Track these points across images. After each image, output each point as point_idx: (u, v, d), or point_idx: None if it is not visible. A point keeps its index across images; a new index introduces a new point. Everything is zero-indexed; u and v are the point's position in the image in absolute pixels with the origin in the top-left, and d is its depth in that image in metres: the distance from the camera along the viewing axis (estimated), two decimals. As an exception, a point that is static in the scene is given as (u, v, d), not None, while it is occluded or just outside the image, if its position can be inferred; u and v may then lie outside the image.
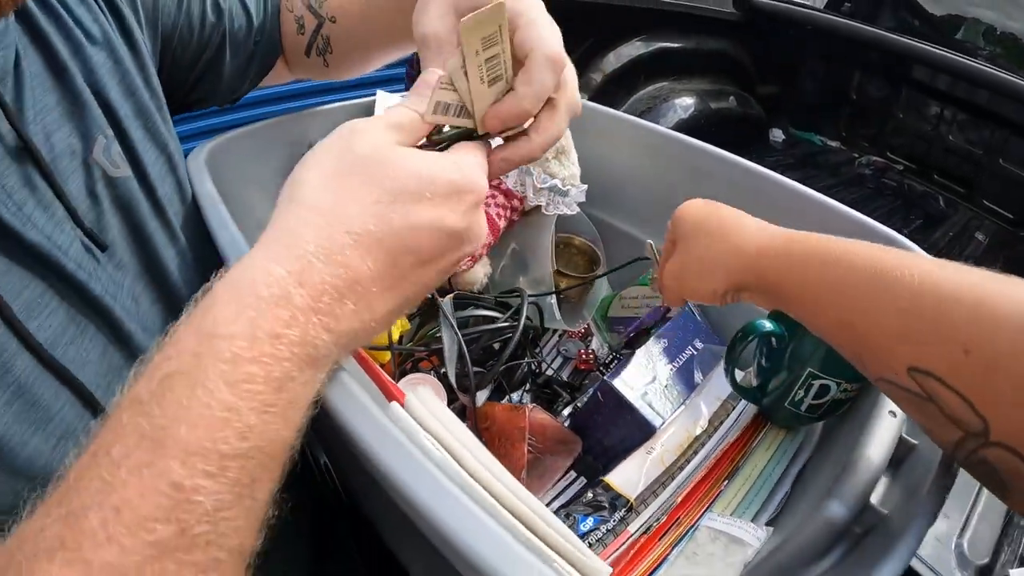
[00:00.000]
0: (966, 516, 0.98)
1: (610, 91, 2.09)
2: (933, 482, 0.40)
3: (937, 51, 2.08)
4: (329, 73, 0.81)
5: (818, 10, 2.48)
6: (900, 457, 0.48)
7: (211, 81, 0.74)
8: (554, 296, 0.85)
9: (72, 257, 0.50)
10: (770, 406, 0.62)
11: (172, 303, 0.60)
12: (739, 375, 0.64)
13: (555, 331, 0.92)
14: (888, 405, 0.48)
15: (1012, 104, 1.99)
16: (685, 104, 2.19)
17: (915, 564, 0.92)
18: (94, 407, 0.49)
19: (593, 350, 0.87)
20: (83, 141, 0.54)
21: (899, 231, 0.64)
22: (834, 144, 2.61)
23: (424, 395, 0.45)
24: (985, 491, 1.06)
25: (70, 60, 0.54)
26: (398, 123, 0.43)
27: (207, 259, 0.63)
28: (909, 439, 0.48)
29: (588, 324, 0.91)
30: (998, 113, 2.10)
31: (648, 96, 2.16)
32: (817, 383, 0.56)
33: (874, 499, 0.43)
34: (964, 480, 0.40)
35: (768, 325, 0.58)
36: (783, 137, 2.64)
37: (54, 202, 0.50)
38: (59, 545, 0.30)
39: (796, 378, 0.58)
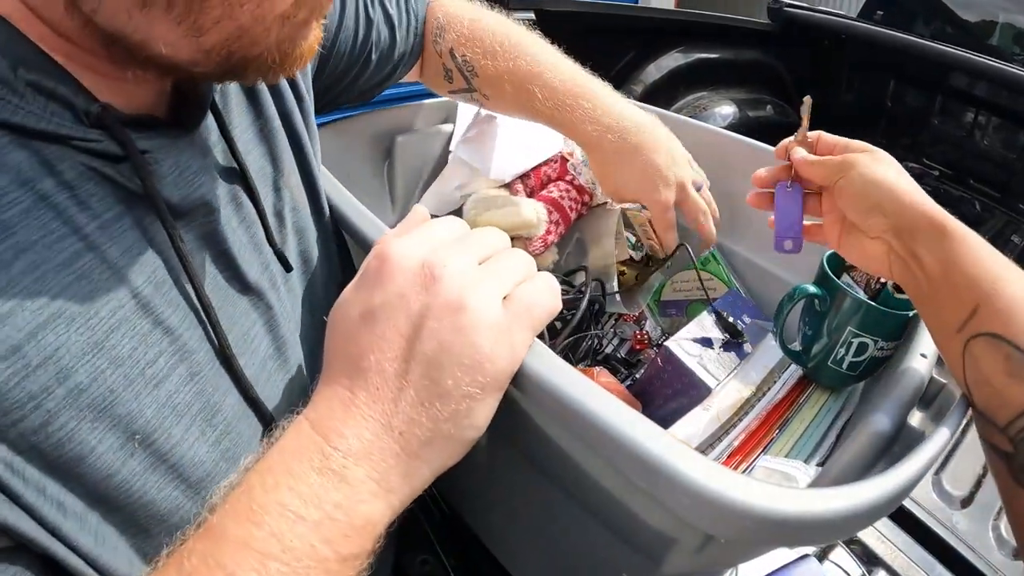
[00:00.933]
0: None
1: (651, 101, 2.15)
2: (957, 404, 0.48)
3: (971, 56, 2.10)
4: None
5: (851, 19, 2.53)
6: (931, 396, 0.55)
7: (347, 92, 0.80)
8: (615, 281, 0.93)
9: (271, 280, 0.53)
10: (814, 367, 0.69)
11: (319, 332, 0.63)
12: (787, 340, 0.71)
13: (613, 315, 0.99)
14: (920, 348, 0.55)
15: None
16: (724, 113, 2.26)
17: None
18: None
19: (647, 331, 0.94)
20: (273, 164, 0.57)
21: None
22: (871, 152, 2.63)
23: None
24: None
25: (260, 83, 0.55)
26: None
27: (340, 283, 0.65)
28: (939, 379, 0.55)
29: (643, 309, 0.98)
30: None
31: (688, 105, 2.23)
32: (857, 341, 0.63)
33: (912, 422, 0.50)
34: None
35: (812, 288, 0.65)
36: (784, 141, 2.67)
37: (255, 222, 0.52)
38: None
39: (838, 337, 0.64)
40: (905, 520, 1.02)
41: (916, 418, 0.52)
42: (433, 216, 0.47)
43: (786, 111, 2.46)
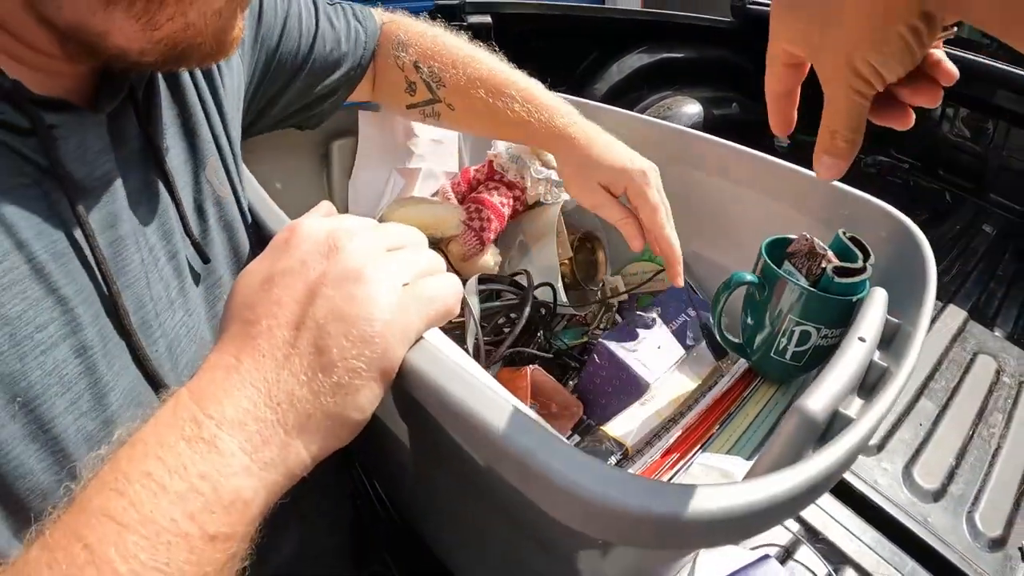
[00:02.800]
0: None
1: (615, 102, 2.14)
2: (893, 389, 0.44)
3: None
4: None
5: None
6: (872, 382, 0.51)
7: (292, 105, 0.80)
8: (560, 282, 0.89)
9: (177, 268, 0.53)
10: (758, 359, 0.66)
11: None
12: (733, 334, 0.68)
13: (564, 317, 0.96)
14: (859, 332, 0.52)
15: (1014, 96, 2.02)
16: (689, 112, 2.23)
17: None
18: None
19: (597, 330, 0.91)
20: (195, 158, 0.58)
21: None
22: (839, 146, 2.62)
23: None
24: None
25: (186, 78, 0.59)
26: None
27: None
28: (880, 363, 0.51)
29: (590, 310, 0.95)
30: (1001, 106, 2.12)
31: (653, 105, 2.21)
32: (799, 330, 0.60)
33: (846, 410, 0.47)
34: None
35: (748, 276, 0.62)
36: (788, 142, 2.66)
37: (169, 208, 0.53)
38: None
39: (778, 327, 0.61)
40: (875, 516, 0.99)
41: (855, 405, 0.49)
42: None
43: (752, 108, 2.45)
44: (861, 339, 0.51)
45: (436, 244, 0.87)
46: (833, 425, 0.46)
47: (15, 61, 0.41)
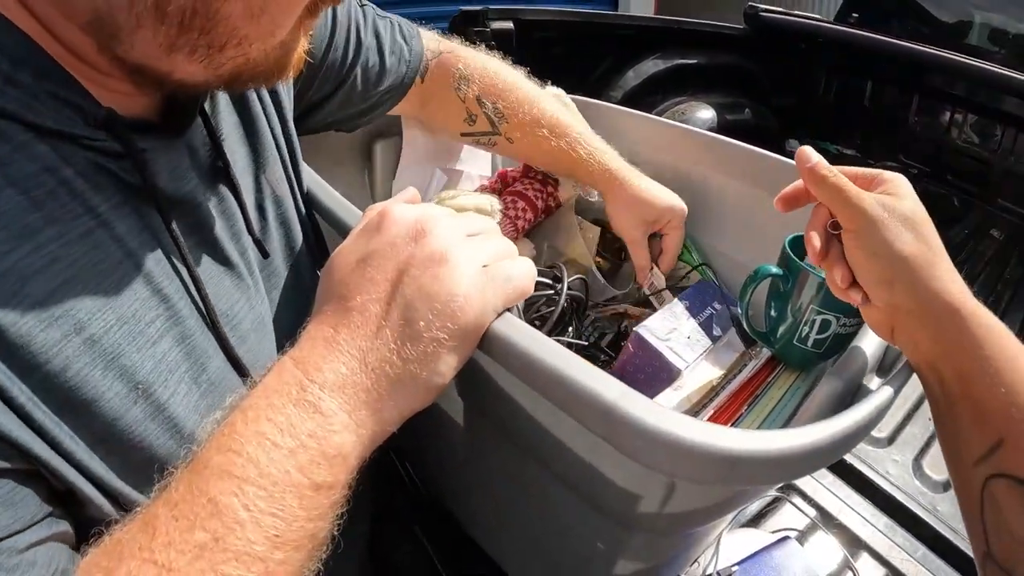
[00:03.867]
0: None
1: (631, 107, 2.18)
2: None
3: (946, 55, 2.13)
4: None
5: (827, 22, 2.57)
6: (889, 364, 0.56)
7: (334, 114, 0.84)
8: (596, 273, 0.96)
9: (248, 264, 0.58)
10: (781, 347, 0.70)
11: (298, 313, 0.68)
12: (756, 326, 0.73)
13: (598, 304, 1.01)
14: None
15: (1021, 103, 2.05)
16: (703, 117, 2.28)
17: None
18: None
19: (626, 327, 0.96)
20: (256, 162, 0.63)
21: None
22: (850, 152, 2.67)
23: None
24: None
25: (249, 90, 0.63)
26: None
27: None
28: (896, 347, 0.56)
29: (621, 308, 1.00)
30: (1008, 112, 2.15)
31: (667, 111, 2.26)
32: (819, 318, 0.65)
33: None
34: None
35: (773, 269, 0.66)
36: (799, 147, 2.70)
37: (236, 214, 0.57)
38: (136, 544, 0.37)
39: (802, 316, 0.66)
40: (887, 504, 1.04)
41: (874, 383, 0.54)
42: None
43: (764, 114, 2.49)
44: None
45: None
46: (857, 398, 0.51)
47: (97, 85, 0.44)
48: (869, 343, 0.54)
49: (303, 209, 0.70)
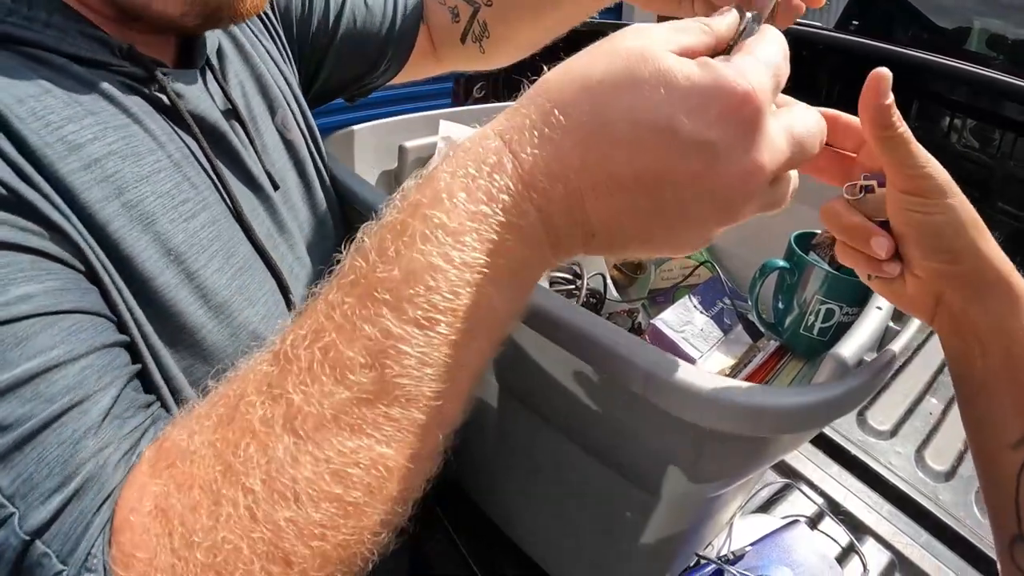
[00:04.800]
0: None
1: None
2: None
3: (945, 61, 2.17)
4: (486, 60, 0.90)
5: (828, 30, 2.62)
6: (888, 342, 0.61)
7: (338, 74, 0.86)
8: (608, 277, 1.00)
9: (262, 187, 0.64)
10: (789, 337, 0.75)
11: (326, 245, 0.73)
12: (763, 317, 0.77)
13: (611, 313, 1.05)
14: (877, 301, 0.62)
15: (1020, 108, 2.09)
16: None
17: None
18: (288, 299, 0.62)
19: (639, 322, 1.01)
20: (269, 110, 0.70)
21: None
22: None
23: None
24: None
25: (251, 49, 0.71)
26: (683, 26, 0.40)
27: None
28: (895, 327, 0.61)
29: (638, 304, 1.05)
30: (1007, 117, 2.19)
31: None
32: (824, 308, 0.69)
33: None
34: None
35: (780, 263, 0.71)
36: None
37: (250, 147, 0.64)
38: (266, 382, 0.33)
39: (807, 307, 0.70)
40: (890, 493, 1.08)
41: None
42: None
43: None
44: (879, 307, 0.61)
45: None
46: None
47: (116, 33, 0.52)
48: (870, 322, 0.59)
49: (317, 156, 0.76)
